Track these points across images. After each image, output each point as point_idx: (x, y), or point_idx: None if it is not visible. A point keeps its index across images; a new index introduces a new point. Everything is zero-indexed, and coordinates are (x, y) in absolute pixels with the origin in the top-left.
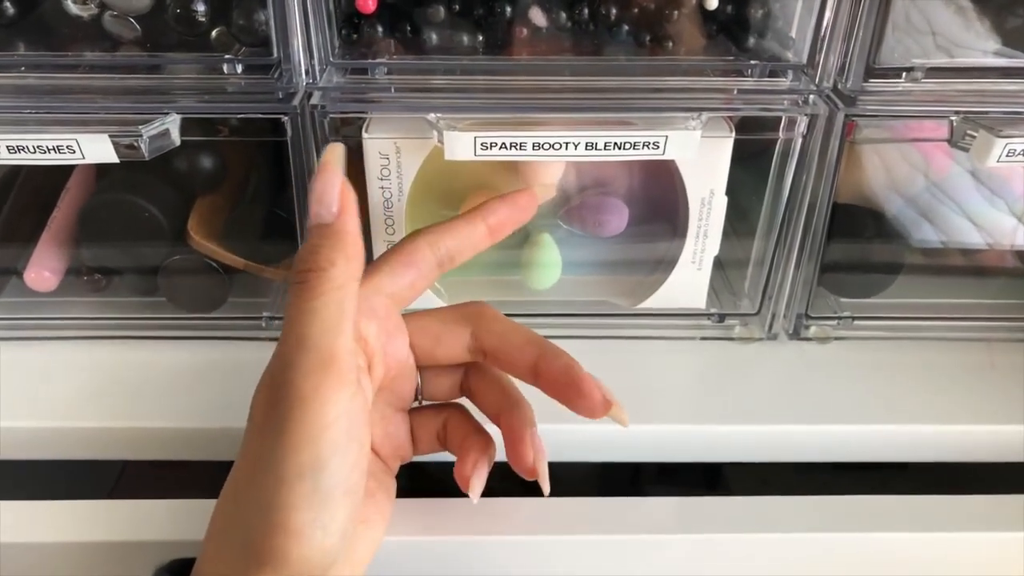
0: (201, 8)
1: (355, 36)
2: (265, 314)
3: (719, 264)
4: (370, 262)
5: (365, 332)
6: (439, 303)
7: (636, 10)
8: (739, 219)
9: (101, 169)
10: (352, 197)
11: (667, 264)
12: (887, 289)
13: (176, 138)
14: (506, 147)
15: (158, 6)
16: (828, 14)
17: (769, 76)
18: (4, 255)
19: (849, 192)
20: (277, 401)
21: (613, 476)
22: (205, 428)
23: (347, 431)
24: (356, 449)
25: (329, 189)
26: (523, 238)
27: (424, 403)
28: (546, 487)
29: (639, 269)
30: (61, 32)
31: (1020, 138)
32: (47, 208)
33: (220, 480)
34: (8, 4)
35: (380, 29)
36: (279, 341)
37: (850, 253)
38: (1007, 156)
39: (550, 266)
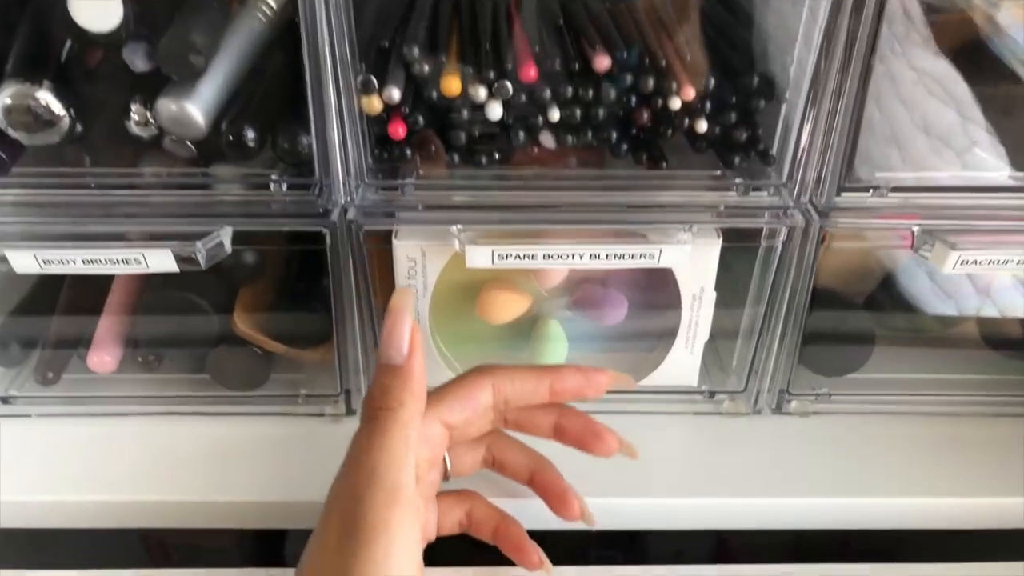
0: (251, 135)
1: (387, 156)
2: (302, 391)
3: (711, 338)
4: (433, 390)
5: (419, 457)
6: None
7: (634, 131)
8: (729, 302)
9: None
10: (419, 339)
11: (663, 347)
12: (860, 368)
13: (228, 247)
14: (520, 257)
15: (213, 130)
16: (805, 137)
17: (753, 191)
18: (66, 336)
19: (825, 280)
20: (351, 532)
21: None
22: (247, 501)
23: (408, 551)
24: (415, 562)
25: (399, 333)
26: (534, 321)
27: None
28: (593, 519)
29: (637, 351)
30: (123, 149)
31: (972, 250)
32: (102, 291)
33: (263, 548)
34: (78, 124)
35: (409, 152)
36: (348, 464)
37: (826, 336)
38: (960, 265)
39: (557, 349)
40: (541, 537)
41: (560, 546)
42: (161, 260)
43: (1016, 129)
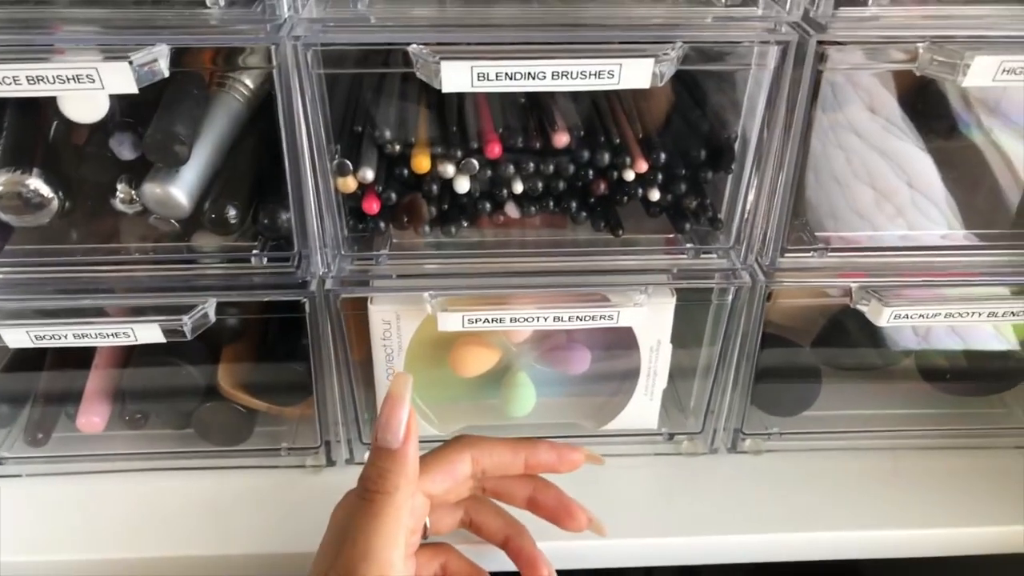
0: (232, 213)
1: (361, 228)
2: (284, 444)
3: (671, 381)
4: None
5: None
6: (430, 430)
7: (592, 200)
8: (688, 347)
9: None
10: (415, 426)
11: (625, 392)
12: (808, 408)
13: (212, 317)
14: (488, 321)
15: (196, 208)
16: (750, 203)
17: (703, 254)
18: (54, 397)
19: (775, 324)
20: None
21: None
22: (236, 554)
23: None
24: None
25: (397, 418)
26: (504, 371)
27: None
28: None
29: (601, 395)
30: (108, 224)
31: (903, 307)
32: (88, 352)
33: None
34: (66, 203)
35: (382, 225)
36: (343, 540)
37: (776, 379)
38: (893, 319)
39: (526, 397)
40: None
41: None
42: (149, 333)
43: (963, 181)
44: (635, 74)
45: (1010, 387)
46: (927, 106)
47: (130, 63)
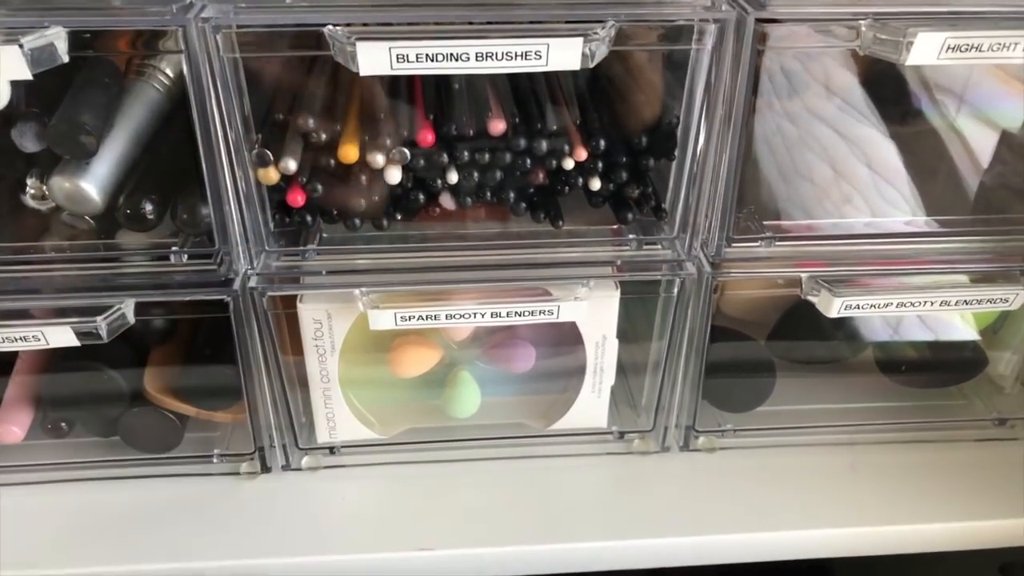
0: (149, 207)
1: (287, 221)
2: (216, 451)
3: (622, 373)
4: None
5: None
6: (371, 434)
7: (531, 191)
8: (638, 342)
9: None
10: None
11: (572, 389)
12: (762, 404)
13: (131, 319)
14: (423, 318)
15: (111, 202)
16: (693, 192)
17: (647, 245)
18: None
19: (726, 318)
20: None
21: None
22: (168, 567)
23: None
24: None
25: None
26: (445, 373)
27: None
28: None
29: (548, 393)
30: (20, 222)
31: (854, 296)
32: (7, 360)
33: None
34: None
35: (309, 219)
36: None
37: (728, 374)
38: (845, 309)
39: (469, 399)
40: None
41: None
42: (61, 336)
43: (922, 166)
44: (564, 55)
45: (969, 378)
46: (887, 90)
47: (20, 46)
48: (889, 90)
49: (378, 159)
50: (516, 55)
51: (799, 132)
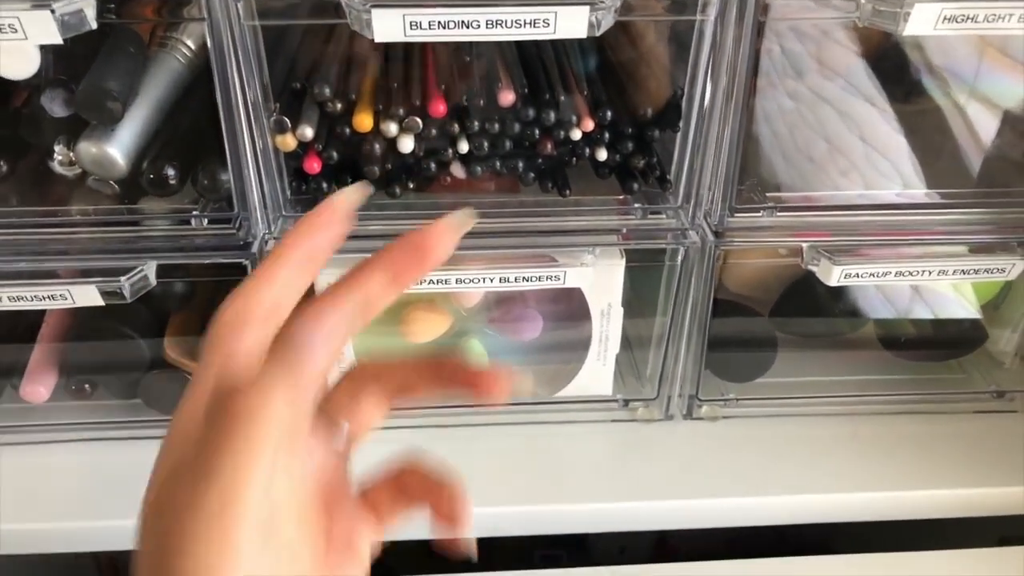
0: (171, 172)
1: (304, 188)
2: None
3: (627, 345)
4: None
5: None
6: None
7: (539, 161)
8: (642, 312)
9: None
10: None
11: (578, 359)
12: (764, 374)
13: (153, 281)
14: (433, 283)
15: (136, 169)
16: (697, 162)
17: (652, 215)
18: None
19: (730, 289)
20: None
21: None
22: None
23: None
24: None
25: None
26: (456, 339)
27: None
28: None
29: (555, 363)
30: (48, 188)
31: (853, 265)
32: (33, 321)
33: None
34: (2, 165)
35: (325, 185)
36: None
37: (730, 344)
38: (844, 278)
39: None
40: (484, 543)
41: (505, 549)
42: (87, 295)
43: (927, 141)
44: (571, 23)
45: (968, 352)
46: (891, 65)
47: (52, 11)
48: (894, 68)
49: (391, 128)
50: (525, 23)
51: (799, 110)
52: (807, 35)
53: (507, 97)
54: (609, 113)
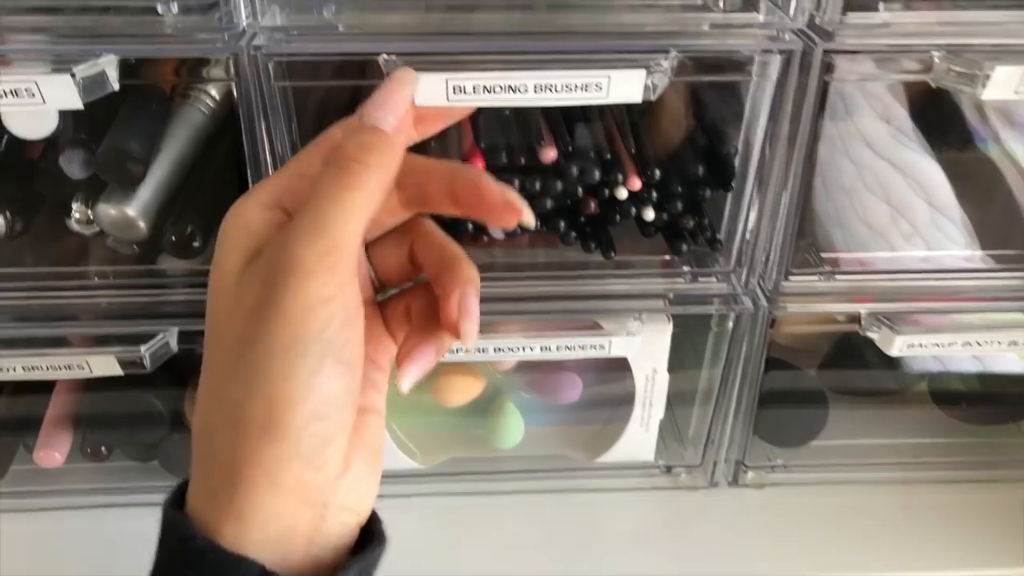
0: (195, 235)
1: None
2: None
3: (668, 405)
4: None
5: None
6: (412, 464)
7: (582, 219)
8: (686, 373)
9: None
10: (410, 123)
11: (620, 419)
12: (814, 438)
13: (175, 347)
14: (468, 351)
15: (156, 228)
16: (752, 224)
17: (701, 278)
18: (11, 429)
19: (779, 347)
20: (277, 277)
21: None
22: None
23: (344, 307)
24: (353, 329)
25: (395, 99)
26: (489, 402)
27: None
28: (469, 340)
29: (594, 425)
30: (65, 245)
31: (918, 335)
32: (48, 383)
33: None
34: (16, 222)
35: None
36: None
37: (781, 408)
38: (907, 348)
39: (514, 430)
40: None
41: None
42: (105, 365)
43: (976, 197)
44: (625, 87)
45: None
46: (939, 117)
47: (72, 76)
48: (941, 117)
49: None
50: (576, 87)
51: (860, 171)
52: (872, 94)
53: (549, 154)
54: (658, 172)
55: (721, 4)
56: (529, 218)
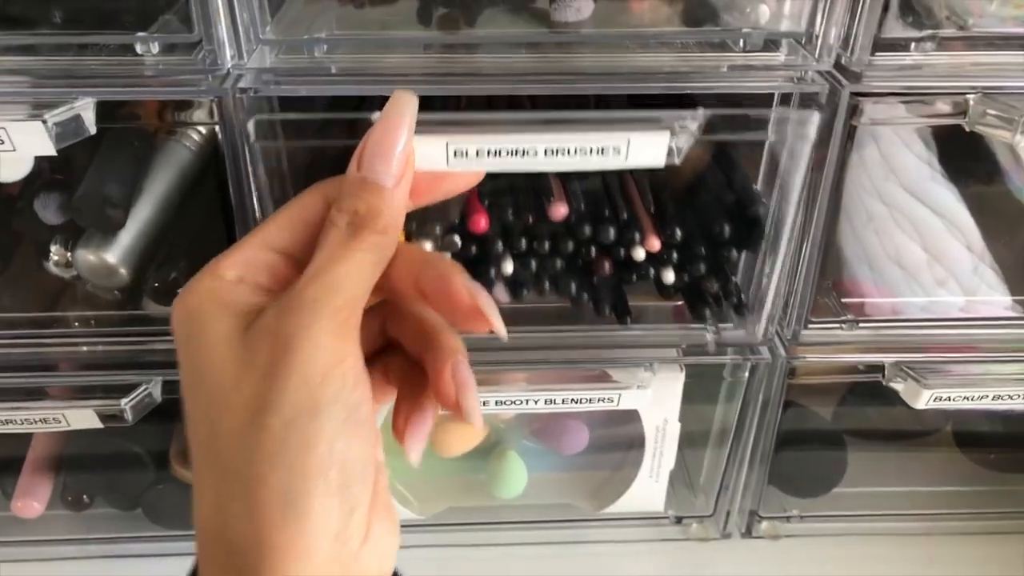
0: (179, 281)
1: None
2: None
3: (678, 451)
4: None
5: None
6: (408, 513)
7: (594, 279)
8: (698, 420)
9: None
10: (412, 166)
11: (626, 468)
12: (832, 489)
13: (158, 398)
14: None
15: (139, 274)
16: (773, 275)
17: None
18: None
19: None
20: (291, 336)
21: None
22: None
23: (355, 366)
24: (365, 388)
25: (390, 141)
26: (491, 450)
27: None
28: (477, 423)
29: (601, 472)
30: (43, 288)
31: (945, 389)
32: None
33: None
34: None
35: None
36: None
37: (797, 457)
38: (934, 402)
39: (516, 479)
40: None
41: None
42: (84, 419)
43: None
44: (647, 151)
45: None
46: (966, 157)
47: (44, 122)
48: (968, 157)
49: (426, 247)
50: (592, 151)
51: (892, 214)
52: (903, 138)
53: (559, 211)
54: (678, 231)
55: (742, 43)
56: (501, 331)
